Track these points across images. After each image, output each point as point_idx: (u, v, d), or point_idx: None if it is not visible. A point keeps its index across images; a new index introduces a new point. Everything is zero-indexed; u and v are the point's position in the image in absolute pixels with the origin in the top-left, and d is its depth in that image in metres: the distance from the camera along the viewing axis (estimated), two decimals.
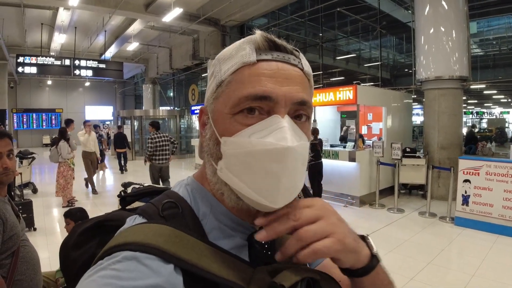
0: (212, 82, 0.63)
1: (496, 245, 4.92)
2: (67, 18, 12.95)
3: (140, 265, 0.48)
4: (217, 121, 0.60)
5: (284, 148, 0.52)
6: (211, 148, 0.61)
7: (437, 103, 7.55)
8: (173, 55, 19.08)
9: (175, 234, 0.54)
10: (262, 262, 0.60)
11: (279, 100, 0.56)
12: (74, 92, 26.84)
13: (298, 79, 0.59)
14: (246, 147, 0.54)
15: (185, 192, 0.66)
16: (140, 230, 0.54)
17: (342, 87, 7.62)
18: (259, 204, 0.55)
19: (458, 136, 7.77)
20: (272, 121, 0.55)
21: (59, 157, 7.00)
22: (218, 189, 0.61)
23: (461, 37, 7.36)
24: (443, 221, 6.01)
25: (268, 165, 0.53)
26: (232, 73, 0.59)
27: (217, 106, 0.60)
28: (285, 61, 0.59)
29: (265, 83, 0.56)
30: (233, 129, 0.56)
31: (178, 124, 17.74)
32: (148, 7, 12.14)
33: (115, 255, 0.50)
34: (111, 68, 15.98)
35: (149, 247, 0.50)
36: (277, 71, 0.57)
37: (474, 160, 5.84)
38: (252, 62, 0.57)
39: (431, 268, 4.20)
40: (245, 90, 0.56)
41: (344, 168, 7.43)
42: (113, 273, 0.46)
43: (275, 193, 0.54)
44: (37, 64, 13.80)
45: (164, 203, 0.61)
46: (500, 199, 5.37)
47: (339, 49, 18.39)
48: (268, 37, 0.59)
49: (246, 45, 0.59)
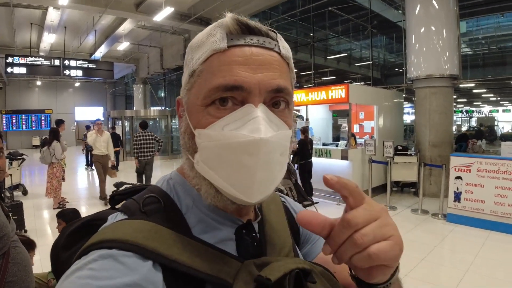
0: (185, 71, 0.60)
1: (488, 241, 4.97)
2: (57, 17, 12.79)
3: (116, 263, 0.46)
4: (191, 113, 0.58)
5: (256, 140, 0.50)
6: (186, 141, 0.59)
7: (428, 101, 7.62)
8: (164, 55, 18.98)
9: (155, 229, 0.53)
10: (251, 255, 0.58)
11: (252, 89, 0.52)
12: (64, 93, 26.52)
13: (274, 64, 0.55)
14: (219, 140, 0.52)
15: (168, 187, 0.64)
16: (119, 227, 0.53)
17: (334, 86, 7.67)
18: (236, 198, 0.53)
19: (449, 134, 7.86)
20: (245, 111, 0.52)
21: (53, 158, 6.89)
22: (195, 184, 0.59)
23: (451, 36, 7.44)
24: (436, 218, 6.07)
25: (242, 158, 0.50)
26: (203, 62, 0.56)
27: (190, 98, 0.58)
28: (260, 45, 0.55)
29: (237, 71, 0.52)
30: (206, 121, 0.54)
31: (170, 124, 17.65)
32: (138, 6, 12.06)
33: (91, 253, 0.48)
34: (101, 68, 15.83)
35: (126, 243, 0.49)
36: (250, 57, 0.54)
37: (466, 157, 5.92)
38: (223, 49, 0.54)
39: (424, 265, 4.23)
40: (215, 80, 0.53)
41: (336, 167, 7.46)
42: (89, 272, 0.44)
43: (250, 187, 0.52)
44: (27, 64, 13.63)
45: (145, 198, 0.60)
46: (491, 195, 5.43)
47: (330, 48, 18.49)
48: (239, 20, 0.55)
49: (216, 30, 0.56)
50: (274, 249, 0.64)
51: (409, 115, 21.96)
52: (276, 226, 0.69)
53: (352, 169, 7.20)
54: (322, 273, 0.59)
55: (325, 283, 0.59)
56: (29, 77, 22.06)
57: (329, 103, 8.23)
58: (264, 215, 0.69)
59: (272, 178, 0.55)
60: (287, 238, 0.70)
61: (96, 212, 0.73)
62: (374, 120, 8.47)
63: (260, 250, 0.62)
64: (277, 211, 0.74)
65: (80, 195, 8.61)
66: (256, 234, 0.63)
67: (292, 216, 0.78)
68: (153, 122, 17.97)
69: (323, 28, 16.64)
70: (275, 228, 0.69)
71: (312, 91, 8.21)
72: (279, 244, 0.66)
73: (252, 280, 0.52)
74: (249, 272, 0.53)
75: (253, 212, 0.67)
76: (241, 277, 0.53)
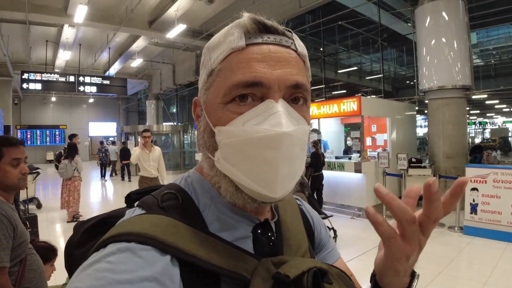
0: (203, 72, 0.61)
1: (506, 252, 4.87)
2: (72, 35, 13.14)
3: (134, 257, 0.46)
4: (210, 112, 0.58)
5: (279, 134, 0.50)
6: (206, 140, 0.59)
7: (441, 112, 7.58)
8: (176, 71, 19.24)
9: (173, 224, 0.53)
10: (268, 254, 0.59)
11: (272, 85, 0.53)
12: (78, 109, 27.04)
13: (292, 61, 0.56)
14: (240, 135, 0.52)
15: (186, 184, 0.64)
16: (137, 221, 0.53)
17: (346, 98, 7.67)
18: (259, 194, 0.54)
19: (463, 145, 7.76)
20: (266, 107, 0.53)
21: (74, 171, 6.97)
22: (215, 182, 0.60)
23: (462, 47, 7.43)
24: (452, 231, 5.96)
25: (264, 153, 0.51)
26: (221, 61, 0.56)
27: (209, 97, 0.59)
28: (277, 43, 0.56)
29: (256, 68, 0.53)
30: (227, 118, 0.54)
31: (182, 139, 17.79)
32: (152, 23, 12.33)
33: (110, 246, 0.48)
34: (115, 85, 16.06)
35: (145, 237, 0.49)
36: (268, 54, 0.55)
37: (481, 168, 5.84)
38: (241, 47, 0.55)
39: (442, 278, 4.14)
40: (235, 77, 0.54)
41: (350, 180, 7.41)
42: (107, 266, 0.44)
43: (273, 182, 0.52)
44: (42, 80, 13.89)
45: (163, 194, 0.60)
46: (508, 206, 5.33)
47: (340, 62, 18.54)
48: (257, 19, 0.56)
49: (234, 29, 0.57)
50: (290, 249, 0.65)
51: (422, 128, 21.78)
52: (292, 227, 0.70)
53: (365, 182, 7.13)
54: (339, 275, 0.60)
55: (342, 284, 0.59)
56: (44, 93, 22.53)
57: (341, 116, 8.22)
58: (280, 215, 0.69)
59: (294, 173, 0.56)
60: (303, 240, 0.70)
61: (111, 210, 0.74)
62: (387, 133, 8.42)
63: (276, 249, 0.62)
64: (293, 213, 0.74)
65: (94, 209, 8.68)
66: (273, 233, 0.64)
67: (307, 219, 0.79)
68: (165, 137, 18.13)
69: (333, 43, 16.73)
70: (291, 229, 0.69)
71: (324, 104, 8.22)
72: (295, 244, 0.67)
73: (270, 276, 0.52)
74: (267, 269, 0.53)
75: (270, 212, 0.68)
76: (259, 273, 0.53)
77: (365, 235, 6.01)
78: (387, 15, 12.98)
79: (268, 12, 8.31)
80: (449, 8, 7.37)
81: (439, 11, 7.43)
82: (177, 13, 11.15)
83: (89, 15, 10.60)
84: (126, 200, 0.72)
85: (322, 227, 0.82)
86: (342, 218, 7.11)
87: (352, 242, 5.60)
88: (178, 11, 11.10)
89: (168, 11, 11.09)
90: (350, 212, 7.31)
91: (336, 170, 7.43)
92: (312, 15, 13.37)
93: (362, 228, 6.42)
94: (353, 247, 5.36)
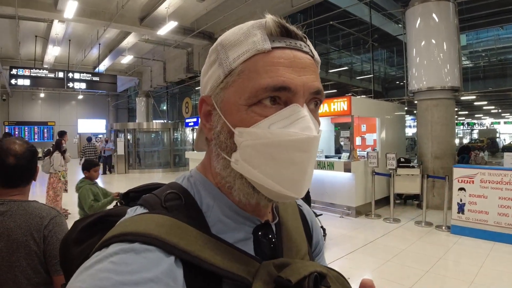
0: (216, 69, 0.59)
1: (492, 252, 4.95)
2: (62, 30, 12.97)
3: (138, 257, 0.46)
4: (229, 112, 0.57)
5: (310, 138, 0.52)
6: (222, 140, 0.58)
7: (430, 113, 7.66)
8: (167, 68, 19.13)
9: (177, 225, 0.53)
10: (268, 256, 0.59)
11: (298, 90, 0.54)
12: (67, 105, 26.70)
13: (312, 67, 0.58)
14: (266, 138, 0.53)
15: (189, 184, 0.64)
16: (140, 220, 0.53)
17: (336, 98, 7.69)
18: (280, 194, 0.54)
19: (451, 146, 7.87)
20: (292, 111, 0.54)
21: (51, 168, 6.90)
22: (227, 182, 0.59)
23: (452, 49, 7.52)
24: (439, 230, 6.04)
25: (293, 155, 0.52)
26: (244, 61, 0.56)
27: (228, 96, 0.57)
28: (299, 49, 0.57)
29: (283, 72, 0.54)
30: (251, 120, 0.54)
31: (172, 137, 17.70)
32: (143, 20, 12.21)
33: (112, 246, 0.48)
34: (105, 81, 15.91)
35: (149, 237, 0.48)
36: (294, 60, 0.55)
37: (469, 168, 5.91)
38: (267, 49, 0.55)
39: (429, 277, 4.19)
40: (262, 80, 0.53)
41: (339, 179, 7.45)
42: (110, 266, 0.44)
43: (300, 183, 0.53)
44: (31, 76, 13.71)
45: (166, 193, 0.60)
46: (495, 206, 5.42)
47: (331, 62, 18.64)
48: (280, 23, 0.57)
49: (256, 30, 0.57)
50: (291, 251, 0.65)
51: (411, 128, 22.00)
52: (293, 230, 0.70)
53: (355, 181, 7.18)
54: (337, 278, 0.60)
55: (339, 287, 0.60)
56: (32, 89, 22.24)
57: (332, 115, 8.24)
58: (281, 217, 0.69)
59: (312, 173, 0.57)
60: (303, 242, 0.70)
61: (110, 208, 0.72)
62: (376, 133, 8.49)
63: (276, 251, 0.62)
64: (293, 215, 0.74)
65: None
66: (274, 235, 0.64)
67: (306, 221, 0.79)
68: (155, 135, 18.03)
69: (324, 42, 16.81)
70: (292, 231, 0.69)
71: None
72: (295, 247, 0.67)
73: (272, 280, 0.52)
74: (268, 272, 0.54)
75: (271, 213, 0.68)
76: (261, 276, 0.53)
77: (354, 233, 6.06)
78: (378, 16, 13.10)
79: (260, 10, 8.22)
80: (439, 10, 7.45)
81: (429, 13, 7.50)
82: (168, 10, 11.08)
83: (79, 11, 10.46)
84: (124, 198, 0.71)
85: (319, 230, 0.83)
86: (331, 216, 7.15)
87: (341, 240, 5.64)
88: (170, 8, 11.03)
89: (159, 7, 11.00)
90: (339, 211, 7.35)
91: (326, 169, 7.46)
92: (303, 14, 13.41)
93: (351, 227, 6.47)
94: (341, 245, 5.39)
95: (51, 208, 1.52)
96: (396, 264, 4.64)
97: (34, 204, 1.46)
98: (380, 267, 4.56)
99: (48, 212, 1.45)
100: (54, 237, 1.41)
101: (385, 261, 4.73)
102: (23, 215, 1.38)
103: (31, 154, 1.52)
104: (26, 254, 1.35)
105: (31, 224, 1.38)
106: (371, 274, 4.38)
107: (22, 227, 1.36)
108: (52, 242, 1.40)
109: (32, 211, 1.41)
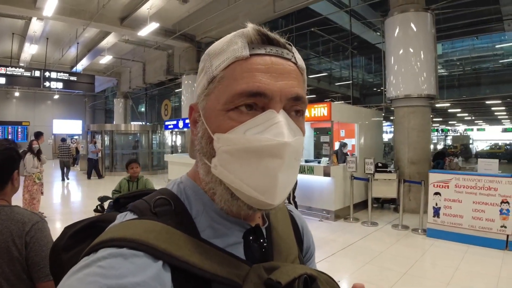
0: (202, 78, 0.61)
1: (467, 254, 5.12)
2: (40, 28, 12.69)
3: (126, 262, 0.46)
4: (209, 118, 0.58)
5: (281, 144, 0.52)
6: (203, 146, 0.59)
7: (406, 120, 7.87)
8: (147, 70, 18.92)
9: (166, 230, 0.53)
10: (258, 260, 0.59)
11: (274, 96, 0.55)
12: (42, 105, 25.99)
13: (293, 73, 0.58)
14: (241, 144, 0.53)
15: (178, 190, 0.64)
16: (129, 226, 0.53)
17: (317, 104, 7.79)
18: (257, 201, 0.54)
19: (427, 152, 8.09)
20: (267, 117, 0.54)
21: (24, 171, 6.68)
22: (210, 188, 0.60)
23: (429, 58, 7.75)
24: (416, 233, 6.20)
25: (265, 161, 0.52)
26: (224, 69, 0.57)
27: (209, 103, 0.59)
28: (279, 55, 0.57)
29: (259, 78, 0.54)
30: (227, 125, 0.55)
31: (150, 139, 17.41)
32: (123, 20, 12.07)
33: (101, 251, 0.48)
34: (82, 81, 15.57)
35: (137, 243, 0.49)
36: (271, 66, 0.56)
37: (444, 174, 6.11)
38: (245, 56, 0.56)
39: (406, 278, 4.30)
40: (238, 86, 0.54)
41: (319, 183, 7.53)
42: (98, 270, 0.44)
43: (272, 189, 0.53)
44: (6, 74, 13.29)
45: (156, 199, 0.60)
46: (469, 210, 5.62)
47: (311, 68, 18.85)
48: (260, 31, 0.57)
49: (237, 39, 0.58)
50: (281, 255, 0.66)
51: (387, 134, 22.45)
52: (283, 234, 0.70)
53: (334, 186, 7.28)
54: (327, 281, 0.60)
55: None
56: (7, 88, 21.55)
57: (312, 121, 8.34)
58: (271, 222, 0.70)
59: (290, 181, 0.57)
60: (293, 246, 0.71)
61: (100, 214, 0.72)
62: (355, 138, 8.65)
63: (267, 255, 0.63)
64: (284, 219, 0.75)
65: (57, 210, 8.39)
66: (264, 239, 0.64)
67: (297, 226, 0.80)
68: (132, 136, 17.73)
69: (304, 48, 17.00)
70: (282, 236, 0.70)
71: None
72: (286, 251, 0.68)
73: (261, 283, 0.53)
74: (259, 275, 0.54)
75: (261, 218, 0.69)
76: (251, 279, 0.53)
77: (333, 237, 6.15)
78: (358, 24, 13.35)
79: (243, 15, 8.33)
80: (417, 20, 7.67)
81: (408, 22, 7.72)
82: (150, 11, 11.01)
83: (58, 9, 10.28)
84: (114, 204, 0.72)
85: (310, 234, 0.84)
86: (310, 220, 7.22)
87: (320, 244, 5.70)
88: (151, 9, 10.96)
89: (141, 8, 10.93)
90: (318, 214, 7.44)
91: (305, 173, 7.54)
92: (285, 20, 13.54)
93: (330, 231, 6.55)
94: (321, 249, 5.46)
95: (34, 214, 1.47)
96: (375, 266, 4.73)
97: (16, 210, 1.43)
98: (359, 270, 4.65)
99: (30, 218, 1.41)
100: (36, 243, 1.37)
101: (364, 263, 4.82)
102: (5, 221, 1.35)
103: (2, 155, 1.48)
104: (8, 261, 1.31)
105: (12, 230, 1.34)
106: (350, 276, 4.46)
107: (4, 232, 1.32)
108: (35, 248, 1.36)
109: (14, 216, 1.38)
